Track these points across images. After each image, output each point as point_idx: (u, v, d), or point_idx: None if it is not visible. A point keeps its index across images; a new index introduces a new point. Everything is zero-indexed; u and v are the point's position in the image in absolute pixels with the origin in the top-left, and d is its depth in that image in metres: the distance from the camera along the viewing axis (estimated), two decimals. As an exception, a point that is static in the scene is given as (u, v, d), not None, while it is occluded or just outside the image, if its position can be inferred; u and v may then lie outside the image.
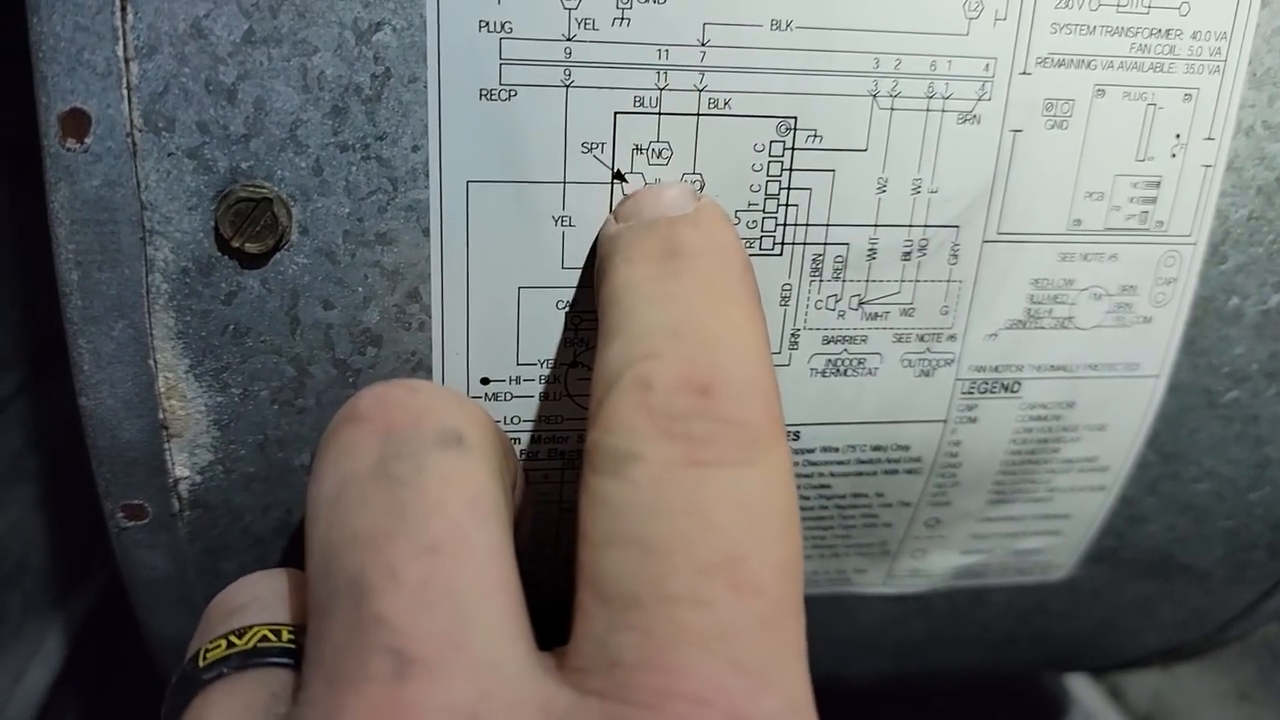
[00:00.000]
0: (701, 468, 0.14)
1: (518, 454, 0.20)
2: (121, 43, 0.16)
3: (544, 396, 0.20)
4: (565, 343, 0.20)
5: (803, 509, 0.23)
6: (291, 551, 0.21)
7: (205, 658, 0.16)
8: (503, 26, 0.17)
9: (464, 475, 0.15)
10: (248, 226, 0.17)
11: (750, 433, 0.15)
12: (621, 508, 0.14)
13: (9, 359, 0.29)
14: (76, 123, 0.17)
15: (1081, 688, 0.45)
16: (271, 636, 0.17)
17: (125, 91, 0.17)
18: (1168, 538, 0.26)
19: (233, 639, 0.16)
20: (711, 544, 0.14)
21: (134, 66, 0.17)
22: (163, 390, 0.19)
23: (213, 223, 0.17)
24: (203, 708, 0.16)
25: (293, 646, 0.16)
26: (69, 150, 0.17)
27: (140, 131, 0.17)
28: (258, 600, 0.18)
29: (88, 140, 0.17)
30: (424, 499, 0.15)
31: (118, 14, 0.16)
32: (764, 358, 0.16)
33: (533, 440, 0.21)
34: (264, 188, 0.17)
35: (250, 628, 0.17)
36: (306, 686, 0.14)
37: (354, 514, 0.15)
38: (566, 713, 0.13)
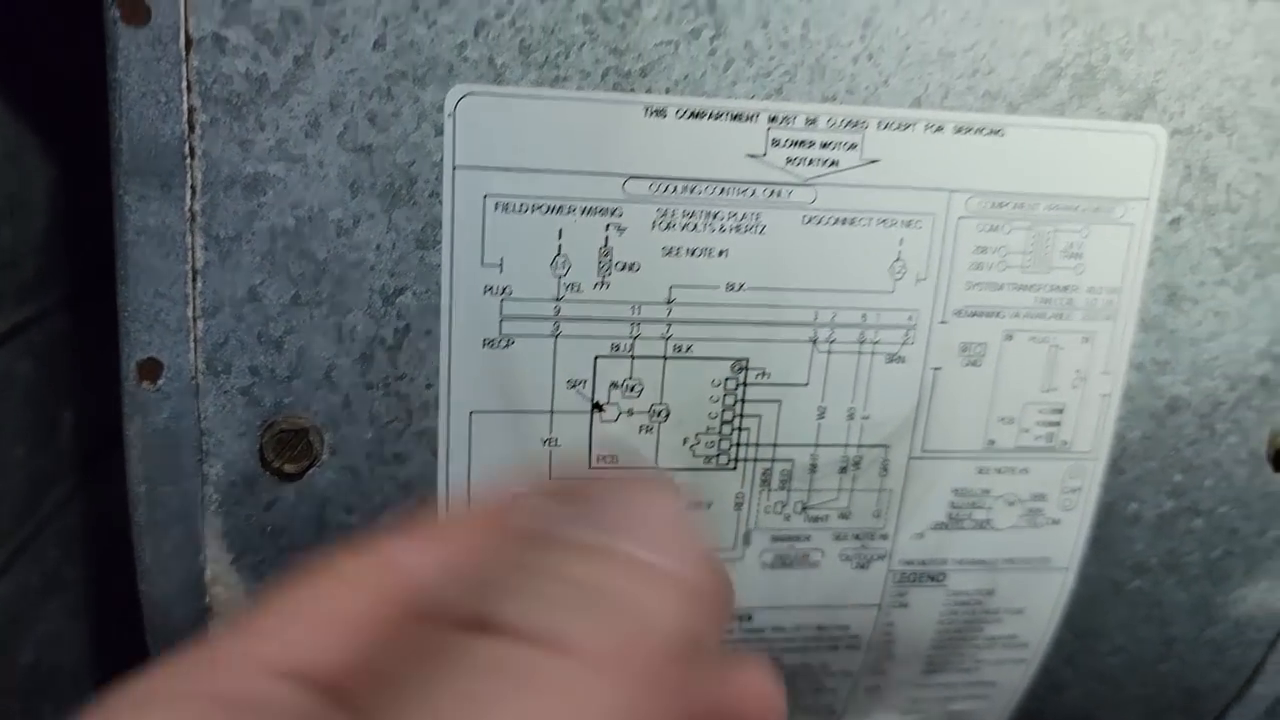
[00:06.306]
0: None
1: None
2: (191, 305, 0.20)
3: (531, 584, 0.23)
4: (550, 541, 0.23)
5: (757, 676, 0.26)
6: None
7: None
8: (504, 290, 0.21)
9: None
10: (287, 450, 0.21)
11: None
12: None
13: (49, 477, 0.32)
14: (151, 369, 0.20)
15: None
16: None
17: (192, 344, 0.20)
18: (1087, 703, 0.28)
19: None
20: None
21: (200, 324, 0.20)
22: (209, 579, 0.22)
23: (258, 447, 0.21)
24: None
25: None
26: (144, 389, 0.20)
27: (203, 374, 0.21)
28: None
29: (160, 382, 0.20)
30: None
31: (189, 283, 0.20)
32: None
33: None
34: (302, 419, 0.21)
35: None
36: None
37: None
38: None
